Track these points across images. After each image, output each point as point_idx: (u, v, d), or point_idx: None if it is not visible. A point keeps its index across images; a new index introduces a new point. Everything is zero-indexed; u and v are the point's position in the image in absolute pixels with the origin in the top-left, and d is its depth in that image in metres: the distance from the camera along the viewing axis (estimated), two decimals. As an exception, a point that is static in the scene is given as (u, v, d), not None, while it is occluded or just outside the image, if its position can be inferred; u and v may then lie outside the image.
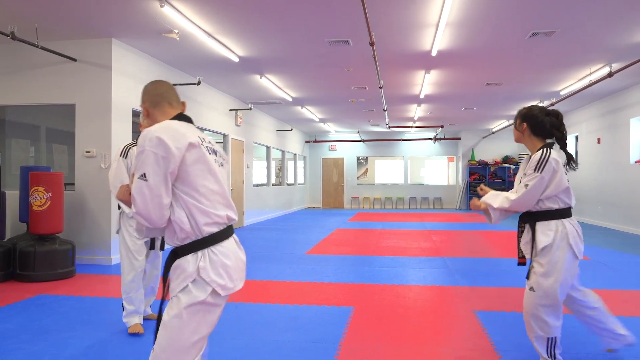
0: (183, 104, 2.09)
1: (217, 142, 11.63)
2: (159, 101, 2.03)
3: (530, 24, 6.33)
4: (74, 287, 5.26)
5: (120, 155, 3.70)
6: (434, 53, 7.48)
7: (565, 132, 2.97)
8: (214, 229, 1.82)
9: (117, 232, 3.78)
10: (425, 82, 9.73)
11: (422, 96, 11.20)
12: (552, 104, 11.37)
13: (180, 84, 8.51)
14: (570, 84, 10.00)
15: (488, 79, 9.64)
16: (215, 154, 1.94)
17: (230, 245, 1.87)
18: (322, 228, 11.57)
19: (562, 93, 10.82)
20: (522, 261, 2.96)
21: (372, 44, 6.57)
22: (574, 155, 15.14)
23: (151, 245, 3.79)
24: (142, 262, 3.77)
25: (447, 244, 8.80)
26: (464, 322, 3.99)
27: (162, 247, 3.93)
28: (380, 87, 9.72)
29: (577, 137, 13.65)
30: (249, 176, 12.62)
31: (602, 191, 11.89)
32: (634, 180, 10.30)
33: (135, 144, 3.68)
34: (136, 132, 10.15)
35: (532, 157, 2.87)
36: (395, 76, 9.39)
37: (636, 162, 10.26)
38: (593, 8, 5.74)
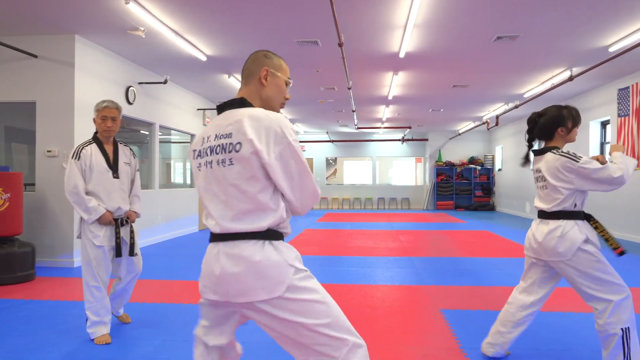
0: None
1: (185, 142, 11.50)
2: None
3: (495, 28, 6.47)
4: (33, 291, 5.09)
5: (72, 157, 3.43)
6: (402, 55, 7.57)
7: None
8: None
9: (78, 237, 3.53)
10: (394, 84, 9.83)
11: (390, 97, 11.32)
12: (516, 107, 11.67)
13: (147, 83, 8.36)
14: (533, 87, 10.27)
15: (455, 81, 9.82)
16: (209, 154, 1.76)
17: (209, 253, 1.78)
18: (291, 228, 11.52)
19: (525, 96, 11.11)
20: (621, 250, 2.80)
21: (340, 45, 6.60)
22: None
23: (117, 252, 3.52)
24: (105, 270, 3.48)
25: (414, 243, 8.91)
26: (430, 321, 4.04)
27: (131, 253, 3.61)
28: (349, 88, 9.77)
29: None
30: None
31: (563, 191, 12.25)
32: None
33: (90, 143, 3.51)
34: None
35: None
36: (364, 77, 9.46)
37: (595, 163, 10.61)
38: (555, 14, 5.91)
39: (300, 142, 20.14)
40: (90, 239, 3.42)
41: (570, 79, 8.62)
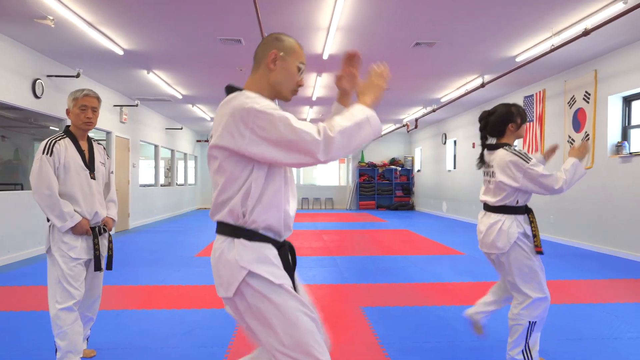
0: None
1: (100, 140, 10.91)
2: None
3: (414, 34, 6.72)
4: None
5: (44, 153, 2.86)
6: (325, 56, 7.66)
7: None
8: None
9: (47, 252, 2.90)
10: (317, 85, 9.92)
11: (314, 98, 11.42)
12: (433, 110, 12.19)
13: (57, 76, 7.84)
14: (449, 92, 10.79)
15: (376, 84, 10.06)
16: None
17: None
18: (213, 229, 11.28)
19: (442, 100, 11.64)
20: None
21: (264, 44, 6.55)
22: (453, 159, 15.92)
23: (96, 265, 2.97)
24: (82, 287, 2.89)
25: (337, 243, 9.04)
26: (351, 318, 4.12)
27: (108, 266, 3.10)
28: (273, 88, 9.73)
29: (455, 142, 14.74)
30: (134, 176, 11.97)
31: (475, 191, 12.96)
32: (502, 181, 11.35)
33: (63, 137, 2.94)
34: (5, 126, 9.17)
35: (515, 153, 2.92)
36: (288, 78, 9.45)
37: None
38: (469, 24, 6.24)
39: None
40: (66, 252, 2.84)
41: (482, 85, 9.15)
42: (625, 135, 7.57)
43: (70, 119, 3.01)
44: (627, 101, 7.56)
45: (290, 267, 1.69)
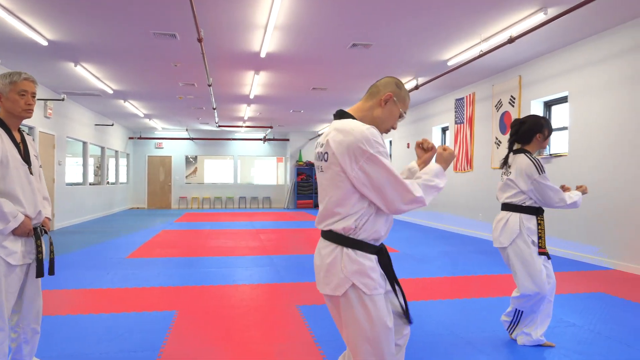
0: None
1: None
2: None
3: (351, 35, 6.82)
4: None
5: None
6: (263, 55, 7.61)
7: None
8: None
9: None
10: (255, 83, 9.84)
11: (252, 96, 11.32)
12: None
13: (-28, 66, 7.30)
14: (384, 93, 11.01)
15: (314, 83, 10.14)
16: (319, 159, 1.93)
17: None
18: (146, 230, 10.96)
19: (378, 101, 11.87)
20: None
21: (200, 40, 6.43)
22: (389, 159, 16.85)
23: (38, 271, 2.59)
24: (13, 298, 2.52)
25: (274, 242, 9.01)
26: (287, 317, 4.12)
27: (50, 271, 2.70)
28: (210, 85, 9.56)
29: (390, 142, 15.10)
30: (60, 174, 11.36)
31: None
32: (435, 181, 11.77)
33: None
34: None
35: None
36: (225, 75, 9.32)
37: (436, 165, 11.73)
38: (403, 26, 6.41)
39: (158, 139, 19.26)
40: (4, 258, 2.44)
41: (416, 87, 9.43)
42: (546, 138, 8.05)
43: (4, 106, 2.58)
44: (548, 106, 8.05)
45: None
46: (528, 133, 3.33)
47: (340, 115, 1.94)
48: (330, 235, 1.86)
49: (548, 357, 3.18)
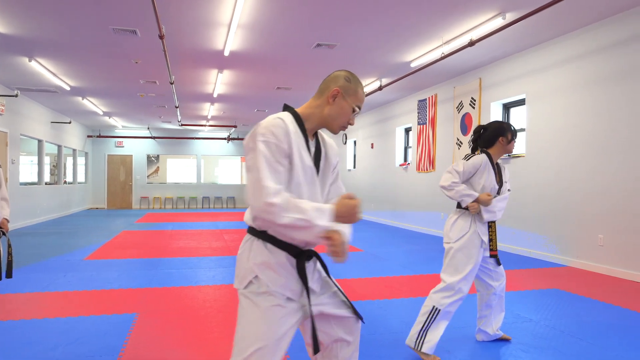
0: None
1: (-28, 133, 9.79)
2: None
3: (315, 36, 6.83)
4: None
5: None
6: (226, 53, 7.53)
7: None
8: None
9: None
10: (219, 82, 9.74)
11: (215, 95, 11.19)
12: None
13: None
14: (349, 93, 11.08)
15: (278, 83, 10.10)
16: None
17: None
18: (106, 231, 10.67)
19: (342, 101, 11.93)
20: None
21: (161, 37, 6.31)
22: (353, 158, 16.43)
23: (7, 273, 2.51)
24: None
25: (239, 242, 8.90)
26: (251, 318, 4.08)
27: (8, 274, 2.63)
28: (172, 83, 9.40)
29: (355, 142, 15.21)
30: (14, 173, 10.93)
31: (374, 190, 13.50)
32: (398, 181, 11.95)
33: None
34: None
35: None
36: (188, 73, 9.18)
37: (400, 165, 11.91)
38: (367, 27, 6.46)
39: (118, 137, 18.80)
40: None
41: (380, 88, 9.53)
42: (504, 139, 8.28)
43: None
44: (507, 108, 8.28)
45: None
46: (490, 136, 3.39)
47: (284, 109, 1.85)
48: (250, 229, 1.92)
49: (507, 352, 3.27)
